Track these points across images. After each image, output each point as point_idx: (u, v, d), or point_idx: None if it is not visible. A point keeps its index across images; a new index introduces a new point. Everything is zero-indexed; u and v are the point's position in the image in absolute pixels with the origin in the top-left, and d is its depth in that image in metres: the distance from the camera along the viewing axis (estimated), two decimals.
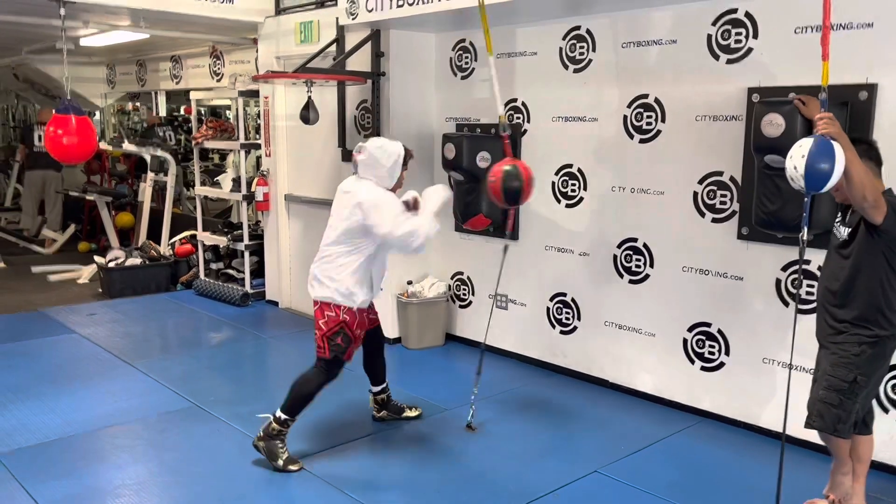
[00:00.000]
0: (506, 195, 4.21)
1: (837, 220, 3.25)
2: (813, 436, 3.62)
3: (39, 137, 10.23)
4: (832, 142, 2.83)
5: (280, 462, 3.89)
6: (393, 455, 4.21)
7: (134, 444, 4.28)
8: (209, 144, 7.80)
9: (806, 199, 2.95)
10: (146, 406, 4.80)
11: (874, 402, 3.51)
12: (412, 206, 4.00)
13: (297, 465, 3.92)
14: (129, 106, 12.64)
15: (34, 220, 10.82)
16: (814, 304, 3.95)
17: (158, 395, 5.01)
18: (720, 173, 4.44)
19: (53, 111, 5.89)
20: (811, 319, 3.50)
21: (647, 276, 4.87)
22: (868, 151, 3.13)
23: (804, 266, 4.08)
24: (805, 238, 3.00)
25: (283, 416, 3.93)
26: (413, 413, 4.62)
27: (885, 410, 3.88)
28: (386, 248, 3.96)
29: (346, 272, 3.88)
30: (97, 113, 12.13)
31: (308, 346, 4.96)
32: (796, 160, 2.84)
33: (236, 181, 7.53)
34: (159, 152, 8.85)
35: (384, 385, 4.54)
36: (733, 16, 4.28)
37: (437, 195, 4.00)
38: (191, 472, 3.93)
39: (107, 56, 10.48)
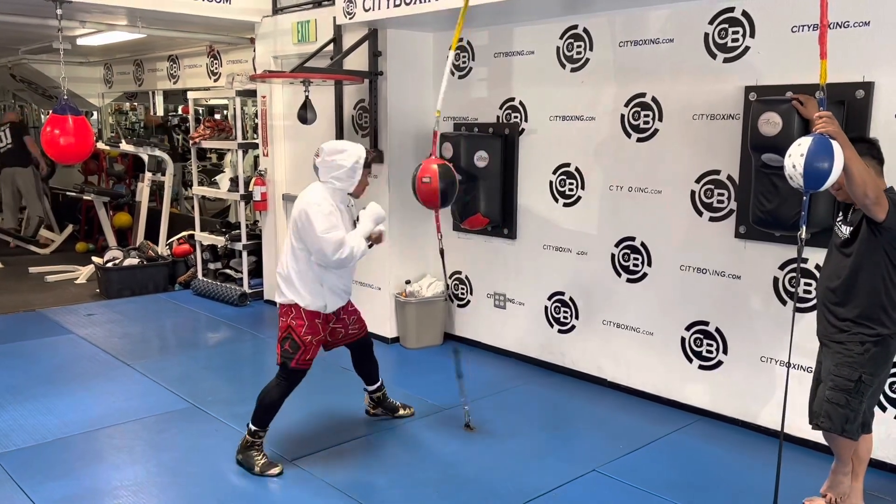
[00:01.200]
0: (443, 197, 4.26)
1: (839, 218, 3.25)
2: (811, 434, 3.63)
3: (1, 138, 10.22)
4: (831, 140, 2.83)
5: (256, 468, 3.86)
6: (392, 455, 4.21)
7: (132, 445, 4.27)
8: (207, 144, 7.79)
9: (805, 197, 2.95)
10: (144, 407, 4.80)
11: None
12: (374, 241, 3.98)
13: (277, 468, 3.87)
14: (127, 105, 12.63)
15: (14, 217, 10.78)
16: (812, 303, 3.97)
17: (156, 395, 5.00)
18: (717, 172, 4.44)
19: (9, 113, 5.87)
20: (809, 318, 3.51)
21: (645, 274, 4.87)
22: (870, 150, 3.14)
23: (802, 264, 4.09)
24: (803, 236, 3.00)
25: (254, 428, 3.91)
26: (406, 412, 4.62)
27: (883, 409, 3.88)
28: (333, 273, 3.88)
29: (294, 273, 3.84)
30: (94, 113, 12.12)
31: None
32: (795, 159, 2.84)
33: (234, 181, 7.52)
34: (157, 152, 8.84)
35: (379, 384, 4.54)
36: (730, 14, 4.28)
37: (370, 216, 3.93)
38: (189, 473, 3.93)
39: (104, 56, 10.47)
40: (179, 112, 11.93)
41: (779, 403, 3.26)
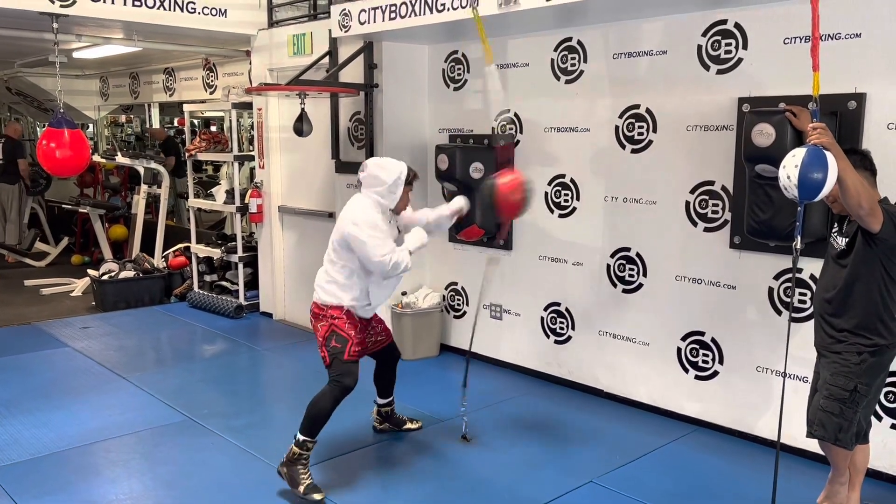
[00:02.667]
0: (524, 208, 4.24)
1: (834, 230, 3.26)
2: (808, 444, 3.63)
3: None
4: (825, 151, 2.85)
5: (301, 488, 3.74)
6: (389, 466, 4.20)
7: (128, 459, 4.25)
8: (203, 156, 7.80)
9: (799, 208, 2.97)
10: (140, 420, 4.78)
11: None
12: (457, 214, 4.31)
13: (321, 494, 3.72)
14: (123, 118, 12.64)
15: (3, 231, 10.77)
16: (807, 313, 3.98)
17: (152, 408, 4.99)
18: (712, 183, 4.46)
19: (10, 126, 5.87)
20: (805, 328, 3.52)
21: (641, 285, 4.88)
22: (862, 161, 3.16)
23: (797, 275, 4.10)
24: (798, 247, 3.01)
25: (302, 438, 3.82)
26: (414, 426, 4.62)
27: (879, 418, 3.89)
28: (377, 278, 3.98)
29: (338, 281, 3.94)
30: (90, 125, 12.12)
31: (302, 357, 4.98)
32: (789, 170, 2.86)
33: (230, 193, 7.53)
34: (152, 164, 8.85)
35: (390, 399, 4.56)
36: (723, 27, 4.32)
37: (419, 237, 4.08)
38: (185, 486, 3.91)
39: (100, 69, 10.49)
40: (175, 124, 11.95)
41: (775, 413, 3.27)
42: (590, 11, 4.56)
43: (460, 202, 4.37)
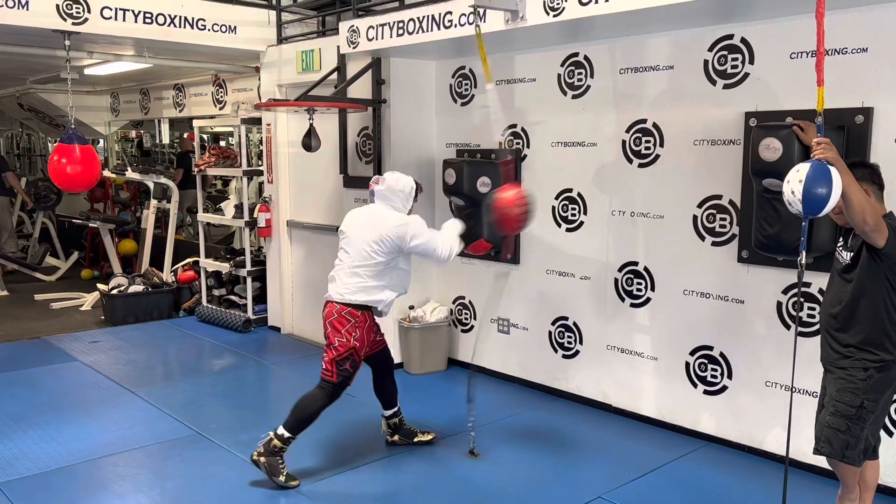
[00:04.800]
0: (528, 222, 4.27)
1: (839, 244, 3.25)
2: (817, 460, 3.60)
3: None
4: (829, 166, 2.84)
5: (281, 478, 3.99)
6: (397, 481, 4.19)
7: (136, 473, 4.26)
8: (212, 171, 7.85)
9: (804, 223, 2.97)
10: (148, 434, 4.79)
11: None
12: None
13: (296, 481, 4.02)
14: (133, 133, 12.75)
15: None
16: (815, 328, 3.96)
17: (160, 422, 5.00)
18: (719, 197, 4.46)
19: None
20: (813, 342, 3.50)
21: (649, 299, 4.88)
22: (871, 175, 3.14)
23: (805, 289, 4.09)
24: (804, 262, 3.01)
25: (286, 434, 4.02)
26: (426, 438, 4.62)
27: (890, 434, 3.87)
28: (407, 259, 4.23)
29: (371, 282, 4.11)
30: (101, 141, 12.23)
31: (309, 371, 4.97)
32: (793, 185, 2.86)
33: (239, 207, 7.57)
34: (162, 179, 8.91)
35: (396, 409, 4.58)
36: (729, 42, 4.33)
37: (455, 226, 4.32)
38: (193, 501, 3.92)
39: (111, 85, 10.60)
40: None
41: (784, 429, 3.25)
42: (596, 27, 4.58)
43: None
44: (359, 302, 4.10)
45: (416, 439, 4.60)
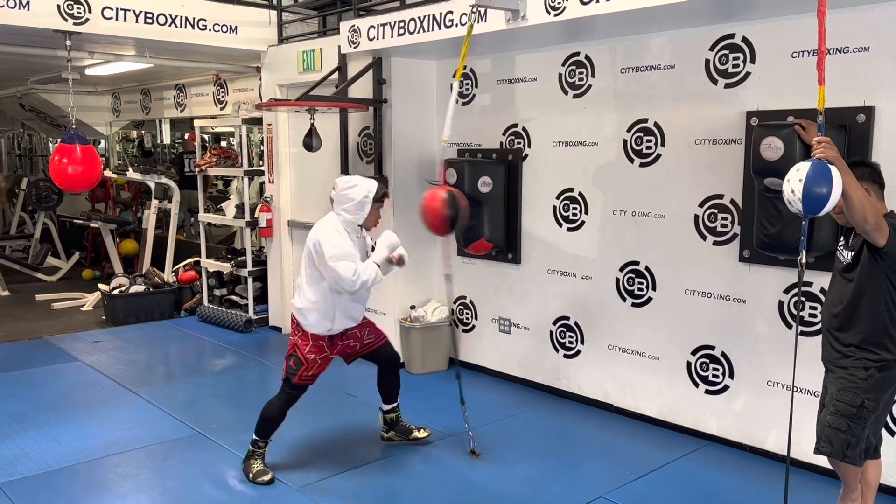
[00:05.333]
0: (451, 224, 4.31)
1: (840, 243, 3.24)
2: (819, 459, 3.59)
3: None
4: (829, 165, 2.84)
5: (250, 475, 4.08)
6: (398, 481, 4.19)
7: (137, 473, 4.26)
8: (213, 171, 7.85)
9: (804, 222, 2.96)
10: (149, 434, 4.79)
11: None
12: (396, 262, 4.11)
13: (268, 475, 4.08)
14: (134, 134, 12.75)
15: None
16: (817, 327, 3.95)
17: (161, 422, 5.00)
18: (720, 196, 4.46)
19: None
20: (814, 342, 3.50)
21: (650, 299, 4.87)
22: (871, 174, 3.14)
23: (806, 288, 4.09)
24: (804, 261, 3.00)
25: (255, 437, 4.15)
26: (422, 434, 4.62)
27: (892, 433, 3.86)
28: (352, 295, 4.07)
29: (307, 297, 4.05)
30: (102, 141, 12.24)
31: None
32: (793, 184, 2.85)
33: (240, 207, 7.57)
34: (163, 179, 8.91)
35: (394, 405, 4.57)
36: (731, 41, 4.33)
37: (384, 243, 4.09)
38: (194, 501, 3.92)
39: (112, 85, 10.60)
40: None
41: (786, 428, 3.24)
42: (597, 27, 4.58)
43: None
44: (296, 318, 4.12)
45: (412, 436, 4.59)
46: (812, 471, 4.06)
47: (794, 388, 3.31)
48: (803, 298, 4.11)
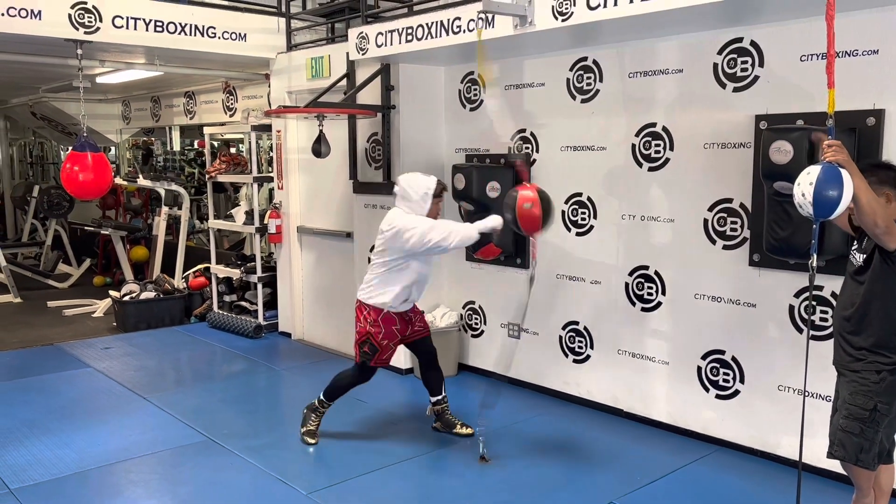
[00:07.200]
0: (545, 222, 4.28)
1: (854, 246, 3.23)
2: (831, 464, 3.57)
3: None
4: (840, 169, 2.82)
5: (303, 429, 4.67)
6: (407, 487, 4.19)
7: (148, 479, 4.28)
8: (223, 178, 7.89)
9: (815, 225, 2.95)
10: (160, 440, 4.81)
11: None
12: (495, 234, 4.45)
13: (314, 439, 4.64)
14: (143, 141, 12.82)
15: None
16: (828, 331, 3.93)
17: (172, 428, 5.02)
18: (730, 200, 4.44)
19: None
20: (826, 346, 3.48)
21: (660, 303, 4.86)
22: (888, 175, 3.11)
23: (817, 292, 4.07)
24: (815, 265, 2.99)
25: (322, 398, 4.64)
26: (464, 431, 4.80)
27: None
28: (420, 261, 4.42)
29: (379, 280, 4.44)
30: (112, 148, 12.31)
31: (320, 376, 5.03)
32: (804, 187, 2.84)
33: (249, 214, 7.60)
34: (173, 186, 8.96)
35: (441, 396, 4.82)
36: (739, 45, 4.32)
37: (491, 219, 4.41)
38: None
39: (122, 93, 10.67)
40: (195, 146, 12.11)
41: (798, 433, 3.22)
42: (604, 31, 4.58)
43: (495, 222, 4.40)
44: (362, 300, 4.50)
45: (454, 430, 4.80)
46: (825, 476, 4.03)
47: (806, 393, 3.29)
48: (814, 302, 4.10)
